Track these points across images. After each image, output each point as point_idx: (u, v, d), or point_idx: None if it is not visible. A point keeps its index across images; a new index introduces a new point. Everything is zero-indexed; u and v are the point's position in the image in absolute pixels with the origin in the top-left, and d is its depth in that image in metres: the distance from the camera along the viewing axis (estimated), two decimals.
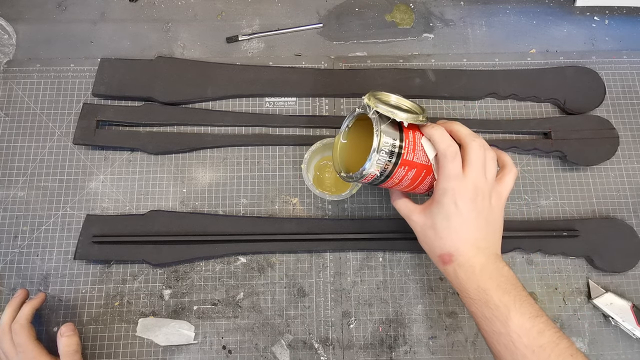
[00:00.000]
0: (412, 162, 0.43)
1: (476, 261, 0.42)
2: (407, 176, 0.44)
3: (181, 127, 0.60)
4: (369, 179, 0.44)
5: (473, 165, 0.43)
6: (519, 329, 0.39)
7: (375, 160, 0.42)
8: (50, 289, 0.55)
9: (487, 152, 0.44)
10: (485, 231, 0.43)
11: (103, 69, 0.61)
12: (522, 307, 0.40)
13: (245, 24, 0.65)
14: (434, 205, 0.43)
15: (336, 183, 0.56)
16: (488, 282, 0.41)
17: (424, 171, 0.44)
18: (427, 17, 0.66)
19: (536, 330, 0.39)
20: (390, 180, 0.44)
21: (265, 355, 0.53)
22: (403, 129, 0.43)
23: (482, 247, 0.43)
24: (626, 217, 0.58)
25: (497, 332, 0.40)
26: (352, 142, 0.49)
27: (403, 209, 0.47)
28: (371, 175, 0.43)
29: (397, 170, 0.43)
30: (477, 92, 0.62)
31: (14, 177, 0.58)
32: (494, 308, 0.40)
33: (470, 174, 0.42)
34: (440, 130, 0.43)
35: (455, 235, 0.43)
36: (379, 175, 0.43)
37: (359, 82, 0.61)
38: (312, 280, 0.56)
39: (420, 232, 0.45)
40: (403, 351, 0.54)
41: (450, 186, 0.42)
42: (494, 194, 0.44)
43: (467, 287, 0.42)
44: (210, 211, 0.58)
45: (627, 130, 0.61)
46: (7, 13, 0.65)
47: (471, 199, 0.42)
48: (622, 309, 0.54)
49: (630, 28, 0.66)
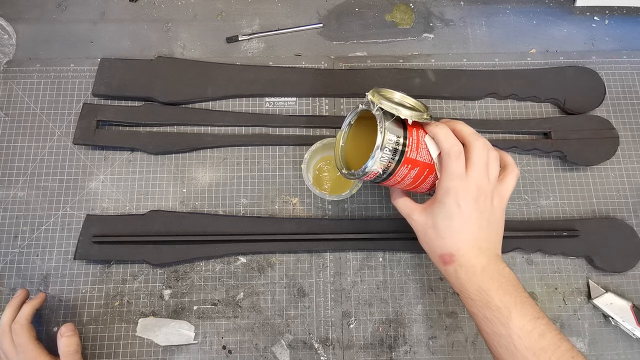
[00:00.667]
0: (415, 161, 0.43)
1: (477, 262, 0.42)
2: (410, 174, 0.44)
3: (181, 127, 0.60)
4: (371, 177, 0.43)
5: (476, 165, 0.42)
6: (520, 331, 0.39)
7: (379, 158, 0.41)
8: (50, 289, 0.55)
9: (490, 152, 0.44)
10: (487, 232, 0.43)
11: (103, 69, 0.61)
12: (523, 309, 0.40)
13: (245, 24, 0.65)
14: (436, 205, 0.43)
15: (336, 183, 0.56)
16: (489, 283, 0.41)
17: (426, 170, 0.44)
18: (427, 17, 0.66)
19: (537, 333, 0.39)
20: (392, 178, 0.44)
21: (265, 355, 0.53)
22: (407, 126, 0.43)
23: (483, 248, 0.43)
24: (626, 217, 0.58)
25: (497, 333, 0.40)
26: (354, 139, 0.48)
27: (403, 208, 0.47)
28: (374, 172, 0.43)
29: (400, 169, 0.43)
30: (477, 92, 0.62)
31: (14, 177, 0.58)
32: (494, 309, 0.40)
33: (473, 173, 0.42)
34: (444, 129, 0.43)
35: (457, 235, 0.43)
36: (382, 172, 0.43)
37: (359, 82, 0.61)
38: (312, 280, 0.56)
39: (421, 231, 0.45)
40: (403, 351, 0.54)
41: (453, 185, 0.42)
42: (495, 194, 0.44)
43: (468, 287, 0.42)
44: (210, 211, 0.58)
45: (627, 130, 0.61)
46: (7, 13, 0.65)
47: (474, 199, 0.42)
48: (622, 309, 0.54)
49: (630, 28, 0.66)
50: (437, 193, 0.43)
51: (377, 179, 0.44)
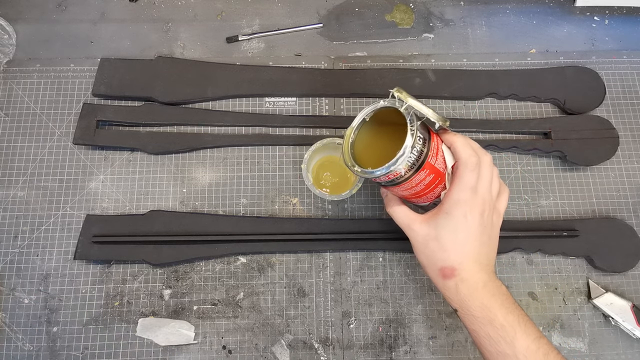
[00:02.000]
0: (433, 167, 0.42)
1: (479, 277, 0.42)
2: (424, 181, 0.42)
3: (181, 127, 0.60)
4: (390, 177, 0.41)
5: (484, 179, 0.42)
6: (525, 350, 0.39)
7: (407, 158, 0.40)
8: (50, 289, 0.55)
9: (494, 169, 0.44)
10: (487, 247, 0.43)
11: (103, 69, 0.61)
12: (527, 328, 0.40)
13: (245, 24, 0.65)
14: (442, 216, 0.42)
15: (336, 183, 0.56)
16: (491, 299, 0.41)
17: (438, 179, 0.43)
18: (427, 17, 0.66)
19: (542, 353, 0.39)
20: (408, 182, 0.42)
21: (265, 355, 0.53)
22: (430, 131, 0.42)
23: (483, 264, 0.42)
24: (626, 217, 0.58)
25: (502, 352, 0.39)
26: (366, 137, 0.46)
27: (403, 218, 0.45)
28: (395, 173, 0.41)
29: (419, 173, 0.41)
30: (477, 92, 0.62)
31: (14, 177, 0.58)
32: (499, 327, 0.40)
33: (481, 188, 0.42)
34: (463, 138, 0.43)
35: (461, 248, 0.42)
36: (403, 174, 0.41)
37: (359, 82, 0.61)
38: (312, 280, 0.56)
39: (422, 242, 0.44)
40: (403, 351, 0.54)
41: (463, 198, 0.41)
42: (494, 210, 0.44)
43: (470, 304, 0.41)
44: (210, 211, 0.58)
45: (627, 130, 0.61)
46: (7, 13, 0.64)
47: (480, 213, 0.42)
48: (622, 309, 0.54)
49: (630, 28, 0.66)
50: (445, 204, 0.42)
51: (393, 181, 0.42)
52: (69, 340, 0.53)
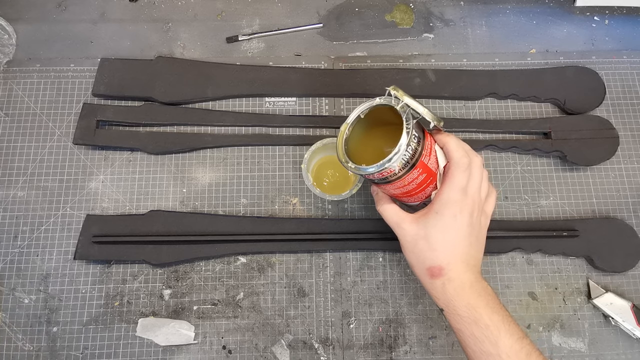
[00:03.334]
0: (426, 166, 0.42)
1: (466, 277, 0.42)
2: (416, 180, 0.42)
3: (181, 127, 0.60)
4: (383, 175, 0.42)
5: (474, 181, 0.43)
6: (509, 350, 0.39)
7: (401, 156, 0.40)
8: (50, 289, 0.55)
9: (484, 171, 0.45)
10: (475, 248, 0.44)
11: (103, 69, 0.61)
12: (510, 328, 0.40)
13: (245, 24, 0.65)
14: (431, 215, 0.43)
15: (336, 183, 0.56)
16: (477, 299, 0.41)
17: (430, 178, 0.43)
18: (427, 17, 0.66)
19: (525, 353, 0.39)
20: (401, 180, 0.42)
21: (265, 355, 0.53)
22: (424, 130, 0.42)
23: (471, 264, 0.43)
24: (626, 217, 0.58)
25: (486, 352, 0.40)
26: (360, 134, 0.46)
27: (393, 217, 0.45)
28: (388, 170, 0.41)
29: (412, 172, 0.42)
30: (477, 92, 0.62)
31: (14, 177, 0.58)
32: (484, 327, 0.40)
33: (471, 189, 0.42)
34: (456, 139, 0.43)
35: (450, 248, 0.42)
36: (396, 172, 0.41)
37: (359, 82, 0.61)
38: (312, 280, 0.56)
39: (410, 242, 0.44)
40: (403, 351, 0.54)
41: (454, 198, 0.42)
42: (482, 212, 0.45)
43: (456, 303, 0.41)
44: (210, 211, 0.58)
45: (627, 130, 0.61)
46: (7, 13, 0.64)
47: (469, 213, 0.42)
48: (622, 309, 0.54)
49: (630, 28, 0.66)
50: (435, 204, 0.43)
51: (386, 179, 0.42)
52: (69, 340, 0.53)
